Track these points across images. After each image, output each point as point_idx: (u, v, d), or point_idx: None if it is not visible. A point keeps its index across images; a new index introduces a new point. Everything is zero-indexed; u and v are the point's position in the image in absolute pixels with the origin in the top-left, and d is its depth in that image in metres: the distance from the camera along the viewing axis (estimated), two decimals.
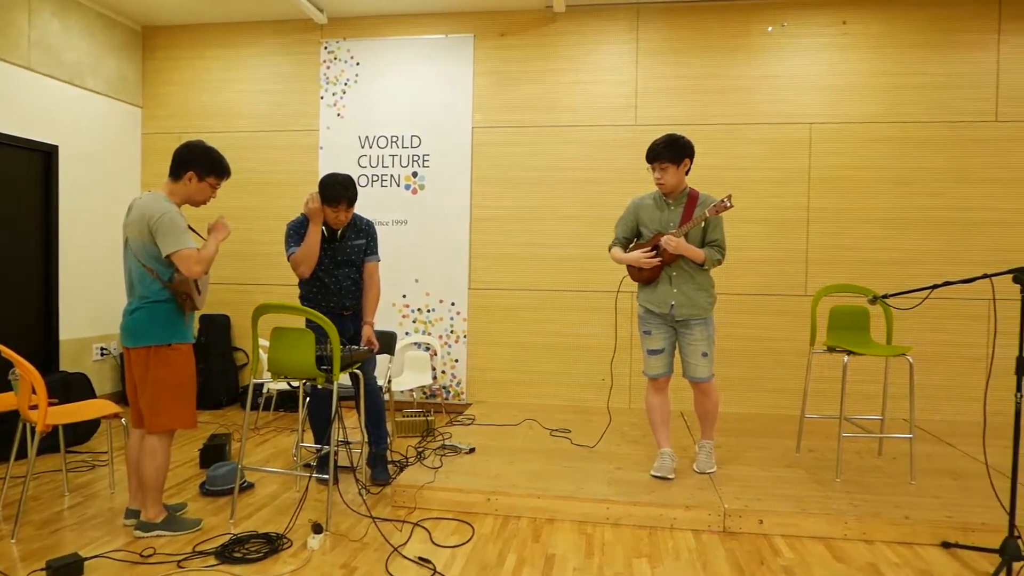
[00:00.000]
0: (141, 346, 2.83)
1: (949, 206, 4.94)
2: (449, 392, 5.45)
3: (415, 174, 5.46)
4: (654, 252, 3.49)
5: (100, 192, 5.38)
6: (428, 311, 5.47)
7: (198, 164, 2.96)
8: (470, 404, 5.38)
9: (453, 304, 5.43)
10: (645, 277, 3.57)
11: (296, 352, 3.06)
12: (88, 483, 3.67)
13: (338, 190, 3.45)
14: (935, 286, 3.02)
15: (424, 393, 5.45)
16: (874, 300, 3.31)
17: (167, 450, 2.92)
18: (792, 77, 5.06)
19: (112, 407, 3.30)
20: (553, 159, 5.31)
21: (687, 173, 3.51)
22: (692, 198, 3.52)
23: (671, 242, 3.38)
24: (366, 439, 3.69)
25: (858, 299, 4.73)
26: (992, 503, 3.24)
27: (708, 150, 5.11)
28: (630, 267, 3.66)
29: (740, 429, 4.62)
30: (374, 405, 3.63)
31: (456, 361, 5.45)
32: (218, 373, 5.48)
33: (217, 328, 5.57)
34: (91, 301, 5.29)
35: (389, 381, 4.35)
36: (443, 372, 5.46)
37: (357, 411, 3.63)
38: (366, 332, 3.56)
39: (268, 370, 3.22)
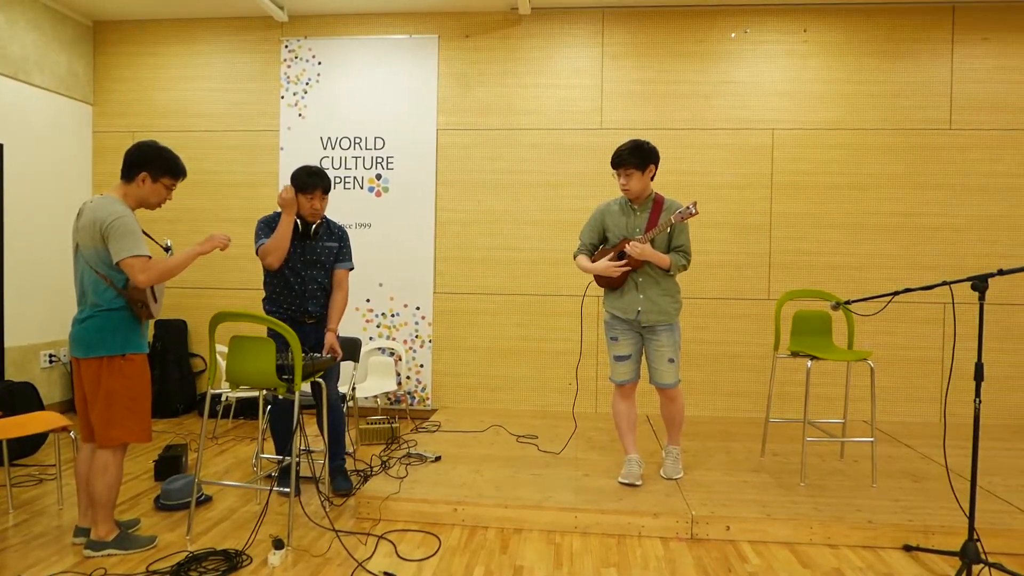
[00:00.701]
0: (93, 356, 2.70)
1: (904, 211, 5.05)
2: (414, 398, 5.37)
3: (379, 176, 5.37)
4: (621, 259, 3.48)
5: (48, 192, 5.16)
6: (392, 315, 5.38)
7: (151, 165, 2.85)
8: (435, 410, 5.31)
9: (418, 308, 5.36)
10: (611, 283, 3.56)
11: (256, 361, 2.96)
12: (34, 499, 3.51)
13: (312, 177, 3.40)
14: (895, 293, 3.07)
15: (388, 399, 5.36)
16: (837, 306, 3.35)
17: (119, 465, 2.79)
18: (754, 83, 5.12)
19: (60, 419, 3.15)
20: (518, 162, 5.28)
21: (652, 179, 3.50)
22: (658, 203, 3.52)
23: (636, 247, 3.37)
24: (327, 449, 3.59)
25: (820, 304, 4.80)
26: (951, 505, 3.30)
27: (672, 155, 5.13)
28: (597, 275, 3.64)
29: (704, 432, 4.65)
30: (334, 419, 3.54)
31: (421, 366, 5.37)
32: (174, 380, 5.31)
33: (173, 333, 5.40)
34: (39, 306, 5.07)
35: (353, 389, 4.26)
36: (408, 378, 5.38)
37: (318, 421, 3.54)
38: (329, 339, 3.47)
39: (227, 379, 3.11)
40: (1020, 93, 4.96)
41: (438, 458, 3.94)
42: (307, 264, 3.50)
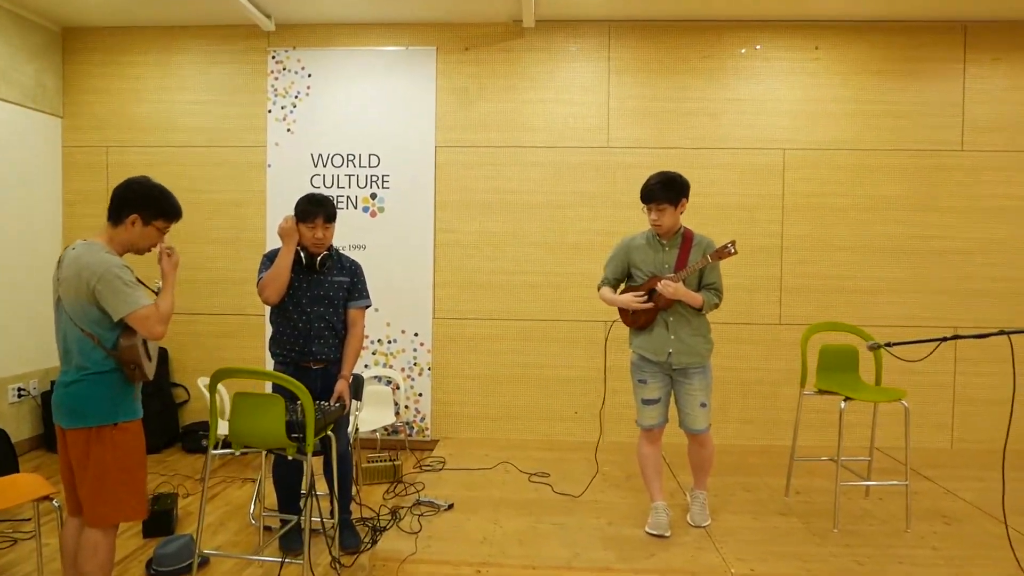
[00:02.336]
0: (80, 427, 2.41)
1: (914, 234, 4.95)
2: (413, 429, 5.12)
3: (374, 196, 5.09)
4: (647, 297, 3.29)
5: (14, 211, 4.77)
6: (389, 342, 5.11)
7: (143, 206, 2.54)
8: (436, 441, 5.07)
9: (416, 335, 5.10)
10: (640, 322, 3.36)
11: (264, 420, 2.69)
12: (9, 565, 3.18)
13: (312, 205, 3.16)
14: (944, 339, 2.92)
15: (386, 430, 5.09)
16: (876, 347, 3.20)
17: (111, 546, 2.50)
18: (765, 101, 4.96)
19: (42, 486, 2.83)
20: (521, 182, 5.05)
21: (682, 212, 3.31)
22: (687, 239, 3.33)
23: (669, 287, 3.17)
24: (335, 505, 3.33)
25: (846, 336, 4.64)
26: (994, 554, 3.18)
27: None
28: (622, 311, 3.44)
29: (720, 464, 4.48)
30: (344, 470, 3.28)
31: (420, 395, 5.12)
32: (155, 414, 4.96)
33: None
34: (5, 334, 4.69)
35: (356, 430, 3.99)
36: (406, 407, 5.12)
37: (326, 473, 3.27)
38: (340, 387, 3.21)
39: (229, 438, 2.83)
40: None
41: (451, 506, 3.71)
42: (313, 300, 3.23)
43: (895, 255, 4.95)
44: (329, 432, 3.06)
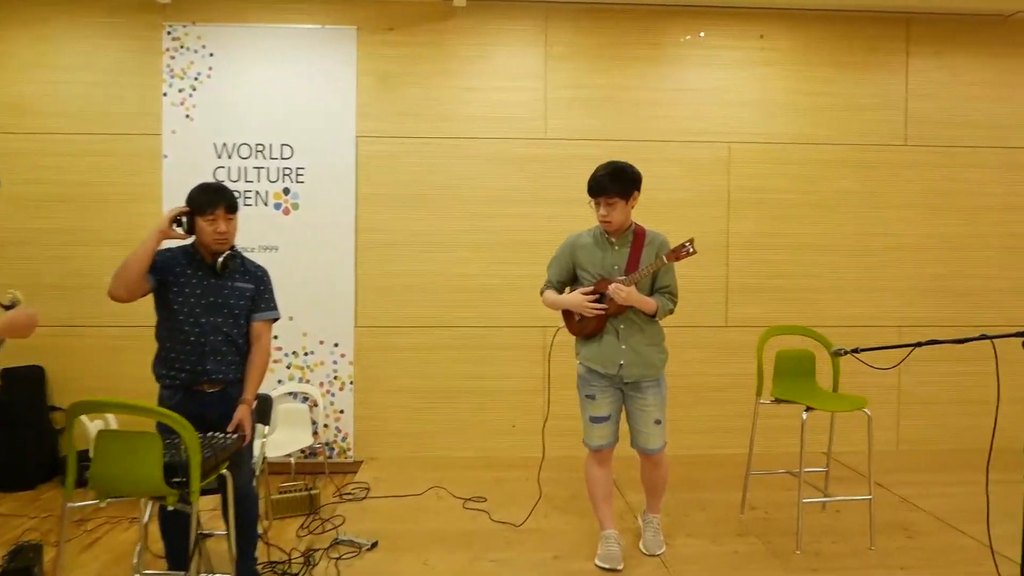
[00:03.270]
0: None
1: (864, 231, 4.79)
2: (333, 450, 4.61)
3: (287, 191, 4.56)
4: (599, 302, 2.93)
5: None
6: (306, 354, 4.59)
7: None
8: (360, 462, 4.58)
9: (336, 345, 4.60)
10: (587, 330, 2.99)
11: (135, 465, 2.17)
12: None
13: (209, 194, 2.69)
14: (917, 344, 2.67)
15: (303, 453, 4.57)
16: (839, 353, 2.92)
17: None
18: (710, 92, 4.70)
19: None
20: (452, 175, 4.62)
21: (633, 207, 2.97)
22: (639, 236, 2.99)
23: (620, 292, 2.82)
24: (234, 553, 2.81)
25: (800, 340, 4.40)
26: (965, 569, 2.97)
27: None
28: (567, 317, 3.07)
29: (671, 477, 4.16)
30: (245, 512, 2.78)
31: (341, 412, 4.61)
32: (29, 442, 4.28)
33: (26, 383, 4.36)
34: None
35: (264, 459, 3.46)
36: (325, 426, 4.61)
37: (224, 518, 2.76)
38: (240, 414, 2.70)
39: (91, 487, 2.29)
40: (972, 109, 4.81)
41: (374, 544, 3.25)
42: (209, 309, 2.72)
43: (843, 253, 4.78)
44: (224, 470, 2.55)
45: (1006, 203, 4.84)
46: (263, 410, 3.43)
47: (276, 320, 2.93)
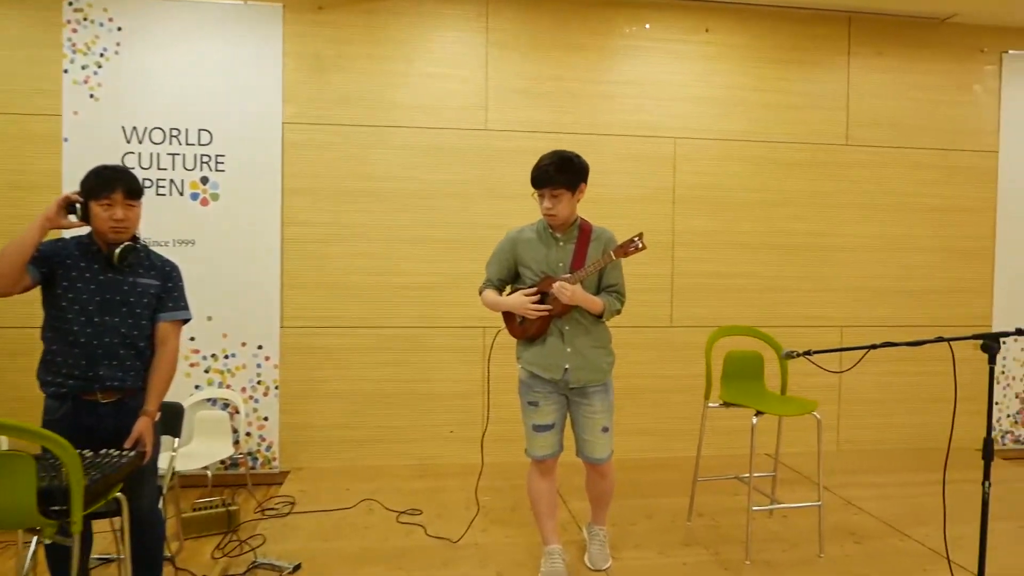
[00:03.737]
0: None
1: (807, 231, 4.75)
2: (257, 460, 4.27)
3: (205, 180, 4.19)
4: (539, 299, 2.72)
5: None
6: (226, 357, 4.23)
7: None
8: (287, 473, 4.25)
9: (260, 347, 4.25)
10: (530, 332, 2.78)
11: (1, 492, 1.84)
12: None
13: (104, 178, 2.38)
14: (872, 346, 2.57)
15: (223, 464, 4.21)
16: (791, 356, 2.80)
17: None
18: (656, 85, 4.57)
19: None
20: (387, 166, 4.34)
21: (579, 200, 2.78)
22: (584, 232, 2.81)
23: (565, 291, 2.62)
24: None
25: (746, 341, 4.31)
26: (909, 573, 2.90)
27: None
28: (508, 319, 2.85)
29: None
30: (147, 541, 2.46)
31: (265, 419, 4.28)
32: None
33: None
34: None
35: (174, 474, 3.11)
36: (248, 435, 4.26)
37: (121, 544, 2.43)
38: (140, 427, 2.38)
39: None
40: (911, 110, 4.83)
41: (298, 567, 2.96)
42: (104, 307, 2.39)
43: (787, 252, 4.73)
44: (118, 494, 2.23)
45: (943, 205, 4.89)
46: (172, 421, 3.09)
47: (187, 321, 2.61)
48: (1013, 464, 4.72)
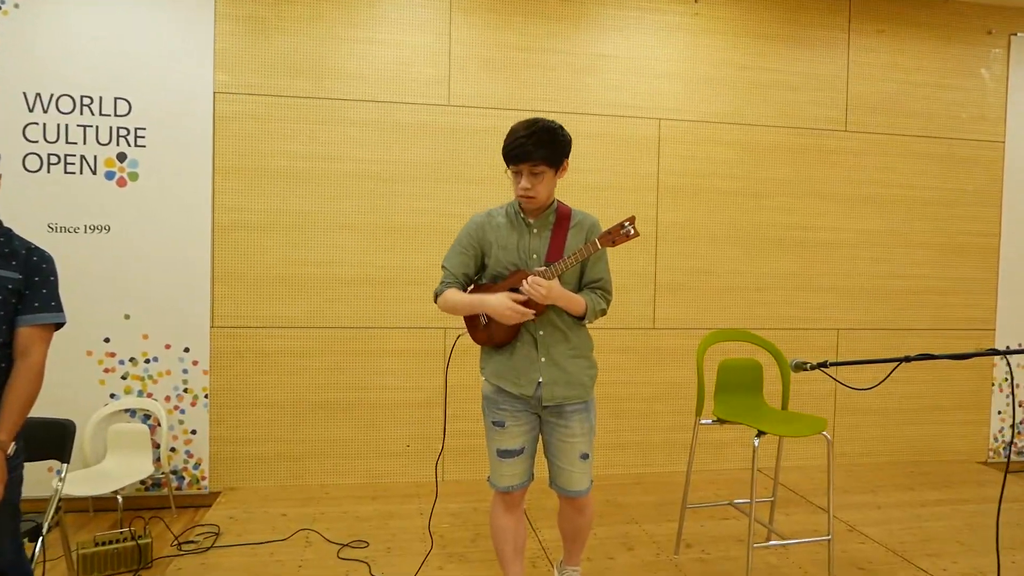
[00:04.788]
0: None
1: (803, 224, 4.34)
2: (183, 479, 3.72)
3: (122, 157, 3.63)
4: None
5: None
6: (147, 362, 3.68)
7: None
8: (217, 494, 3.71)
9: (187, 351, 3.71)
10: (497, 337, 2.30)
11: None
12: None
13: None
14: (904, 359, 2.12)
15: (143, 485, 3.65)
16: (802, 368, 2.35)
17: None
18: (638, 60, 4.11)
19: None
20: (334, 145, 3.82)
21: (560, 179, 2.30)
22: (562, 217, 2.33)
23: (540, 287, 2.13)
24: None
25: (742, 347, 3.87)
26: None
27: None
28: (471, 322, 2.36)
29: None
30: None
31: (193, 433, 3.73)
32: None
33: None
34: None
35: (59, 508, 2.56)
36: (173, 450, 3.71)
37: None
38: None
39: None
40: (912, 95, 4.44)
41: None
42: None
43: (781, 247, 4.31)
44: None
45: (941, 198, 4.51)
46: (59, 444, 2.56)
47: (59, 327, 2.07)
48: (1018, 478, 4.36)
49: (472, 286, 2.38)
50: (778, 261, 4.30)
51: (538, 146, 2.14)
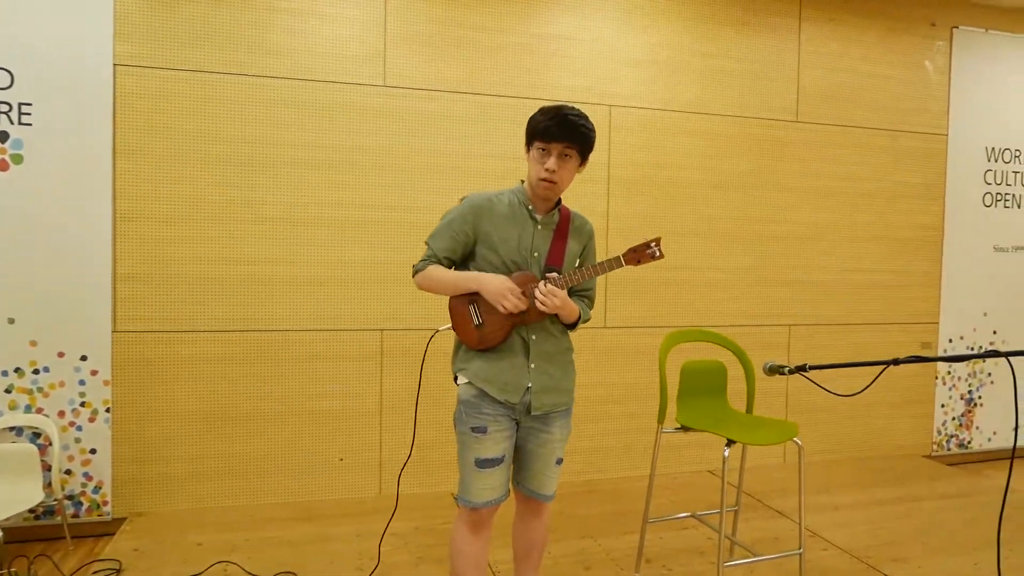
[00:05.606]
0: None
1: (758, 217, 4.21)
2: (81, 505, 3.27)
3: (4, 136, 3.14)
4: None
5: None
6: (37, 372, 3.20)
7: None
8: (122, 521, 3.28)
9: (84, 359, 3.25)
10: (491, 339, 2.04)
11: None
12: None
13: None
14: (892, 362, 1.96)
15: (32, 514, 3.18)
16: (779, 372, 2.16)
17: None
18: (589, 42, 3.87)
19: None
20: (254, 126, 3.42)
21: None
22: (564, 218, 2.14)
23: (554, 297, 1.93)
24: None
25: (704, 348, 3.68)
26: None
27: (484, 131, 3.70)
28: (461, 315, 2.08)
29: None
30: None
31: (92, 452, 3.28)
32: None
33: None
34: None
35: None
36: (68, 473, 3.25)
37: None
38: None
39: None
40: (861, 86, 4.37)
41: None
42: None
43: (735, 241, 4.16)
44: None
45: (891, 191, 4.47)
46: None
47: None
48: (964, 472, 4.36)
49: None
50: (731, 255, 4.15)
51: (576, 130, 1.98)
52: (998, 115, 4.64)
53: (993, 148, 4.65)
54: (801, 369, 2.12)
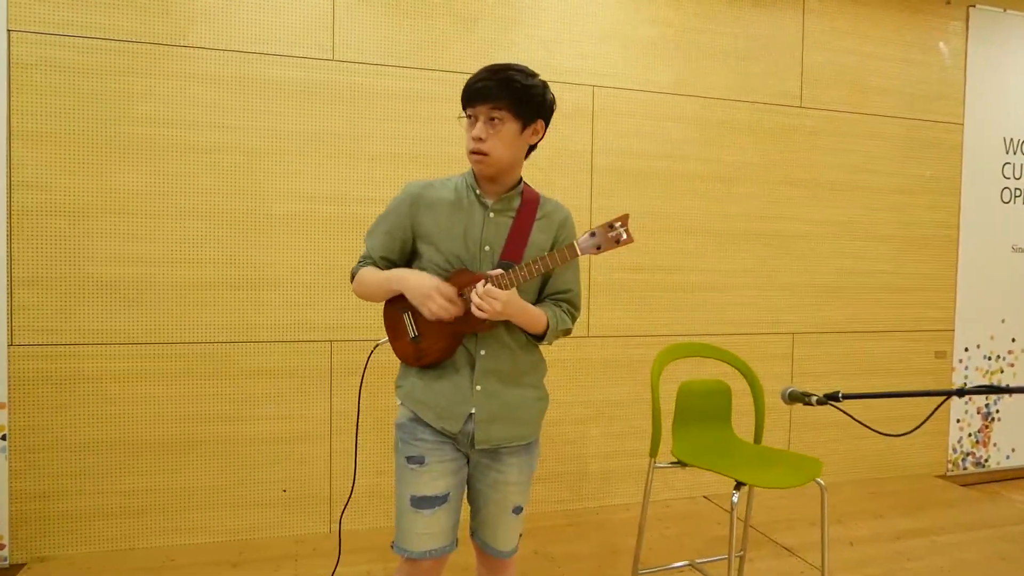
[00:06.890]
0: None
1: (755, 213, 3.78)
2: None
3: None
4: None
5: None
6: None
7: None
8: (21, 568, 2.78)
9: None
10: (430, 354, 1.59)
11: None
12: None
13: None
14: (955, 392, 1.51)
15: None
16: (805, 401, 1.72)
17: None
18: (570, 16, 3.42)
19: None
20: (181, 106, 2.93)
21: (532, 149, 1.69)
22: (529, 202, 1.67)
23: (494, 300, 1.46)
24: None
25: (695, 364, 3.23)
26: None
27: (447, 112, 3.22)
28: (394, 325, 1.65)
29: None
30: None
31: None
32: None
33: None
34: None
35: None
36: None
37: None
38: None
39: None
40: (869, 68, 3.95)
41: None
42: None
43: (729, 240, 3.72)
44: None
45: (903, 186, 4.06)
46: None
47: None
48: (983, 495, 3.95)
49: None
50: (730, 256, 3.72)
51: (504, 86, 1.53)
52: (1018, 103, 4.25)
53: (1012, 139, 4.26)
54: (833, 398, 1.67)
